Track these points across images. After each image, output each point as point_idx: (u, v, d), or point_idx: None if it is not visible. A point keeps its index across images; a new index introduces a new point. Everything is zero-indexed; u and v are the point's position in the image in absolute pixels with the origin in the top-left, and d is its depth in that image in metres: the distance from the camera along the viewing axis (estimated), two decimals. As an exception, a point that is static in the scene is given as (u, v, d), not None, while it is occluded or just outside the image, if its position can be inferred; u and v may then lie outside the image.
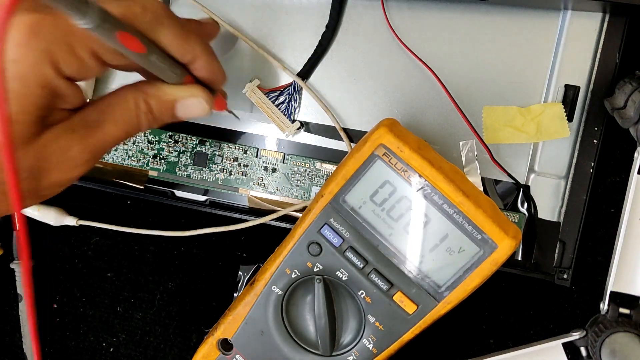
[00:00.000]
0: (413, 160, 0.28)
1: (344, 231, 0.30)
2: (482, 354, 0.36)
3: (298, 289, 0.31)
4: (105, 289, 0.41)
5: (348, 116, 0.36)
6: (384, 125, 0.29)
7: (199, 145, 0.37)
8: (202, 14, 0.36)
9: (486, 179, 0.35)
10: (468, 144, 0.35)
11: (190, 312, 0.40)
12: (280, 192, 0.37)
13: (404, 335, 0.30)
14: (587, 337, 0.34)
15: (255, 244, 0.40)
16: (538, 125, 0.34)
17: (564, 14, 0.34)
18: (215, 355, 0.33)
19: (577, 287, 0.37)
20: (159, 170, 0.38)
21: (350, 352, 0.31)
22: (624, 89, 0.32)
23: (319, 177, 0.36)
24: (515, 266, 0.35)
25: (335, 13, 0.35)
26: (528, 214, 0.35)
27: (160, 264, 0.40)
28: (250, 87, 0.37)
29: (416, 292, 0.29)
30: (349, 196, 0.29)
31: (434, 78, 0.34)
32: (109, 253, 0.41)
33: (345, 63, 0.36)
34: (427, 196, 0.28)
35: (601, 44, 0.34)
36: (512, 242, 0.28)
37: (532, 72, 0.35)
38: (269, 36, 0.37)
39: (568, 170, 0.35)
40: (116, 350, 0.41)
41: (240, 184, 0.37)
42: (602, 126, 0.34)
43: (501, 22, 0.35)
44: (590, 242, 0.37)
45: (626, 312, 0.34)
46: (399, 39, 0.35)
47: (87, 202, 0.40)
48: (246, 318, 0.32)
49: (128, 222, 0.38)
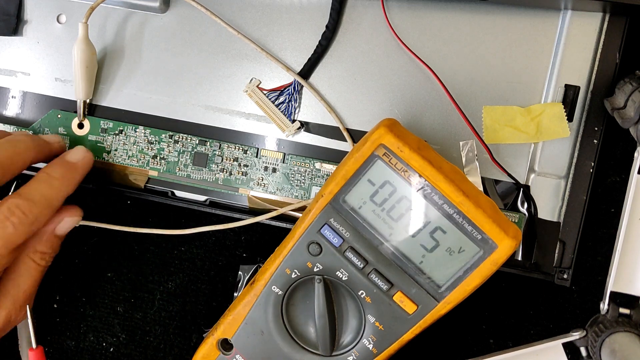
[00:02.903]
0: (413, 160, 0.28)
1: (344, 231, 0.30)
2: (482, 354, 0.36)
3: (298, 289, 0.31)
4: (105, 289, 0.41)
5: (348, 116, 0.36)
6: (384, 125, 0.29)
7: (199, 145, 0.37)
8: (202, 14, 0.36)
9: (486, 179, 0.35)
10: (468, 144, 0.35)
11: (190, 312, 0.40)
12: (280, 192, 0.37)
13: (404, 335, 0.30)
14: (587, 337, 0.34)
15: (255, 244, 0.40)
16: (538, 125, 0.34)
17: (564, 14, 0.34)
18: (215, 355, 0.33)
19: (577, 287, 0.37)
20: (159, 170, 0.38)
21: (350, 352, 0.31)
22: (624, 89, 0.32)
23: (319, 177, 0.36)
24: (515, 266, 0.35)
25: (335, 13, 0.35)
26: (528, 214, 0.35)
27: (160, 264, 0.40)
28: (250, 87, 0.37)
29: (416, 292, 0.29)
30: (349, 196, 0.29)
31: (434, 78, 0.34)
32: (109, 253, 0.41)
33: (345, 63, 0.36)
34: (427, 196, 0.28)
35: (601, 44, 0.34)
36: (512, 242, 0.28)
37: (532, 72, 0.35)
38: (269, 36, 0.37)
39: (568, 170, 0.35)
40: (116, 350, 0.41)
41: (240, 184, 0.37)
42: (602, 126, 0.34)
43: (501, 22, 0.35)
44: (590, 242, 0.37)
45: (626, 312, 0.34)
46: (399, 39, 0.35)
47: (87, 202, 0.39)
48: (246, 318, 0.32)
49: (128, 222, 0.38)
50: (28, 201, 0.31)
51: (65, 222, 0.35)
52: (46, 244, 0.34)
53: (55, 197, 0.32)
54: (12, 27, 0.38)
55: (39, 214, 0.31)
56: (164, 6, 0.37)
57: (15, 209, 0.31)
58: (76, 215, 0.35)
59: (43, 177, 0.33)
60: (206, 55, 0.37)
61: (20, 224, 0.30)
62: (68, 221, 0.35)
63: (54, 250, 0.35)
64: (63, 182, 0.33)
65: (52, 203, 0.32)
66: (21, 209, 0.31)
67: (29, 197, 0.31)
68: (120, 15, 0.38)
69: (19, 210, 0.31)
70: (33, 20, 0.38)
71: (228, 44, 0.37)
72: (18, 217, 0.30)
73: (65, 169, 0.34)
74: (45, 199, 0.32)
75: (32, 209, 0.31)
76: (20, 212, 0.31)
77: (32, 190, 0.32)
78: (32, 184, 0.32)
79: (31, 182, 0.32)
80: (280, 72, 0.37)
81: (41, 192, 0.32)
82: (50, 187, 0.32)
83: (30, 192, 0.32)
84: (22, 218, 0.31)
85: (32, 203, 0.31)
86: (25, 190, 0.32)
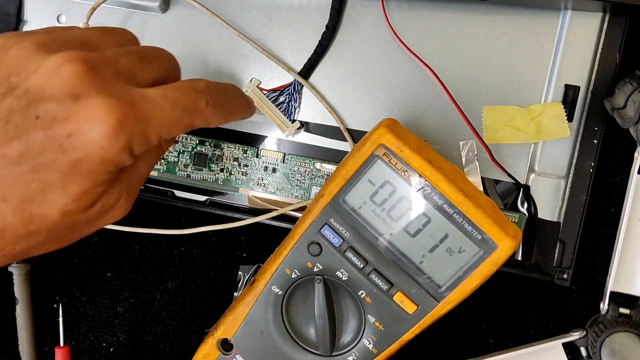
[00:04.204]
0: (413, 160, 0.28)
1: (344, 231, 0.30)
2: (482, 354, 0.36)
3: (298, 289, 0.31)
4: (105, 289, 0.41)
5: (348, 116, 0.36)
6: (384, 125, 0.29)
7: (199, 145, 0.37)
8: (202, 14, 0.36)
9: (486, 179, 0.35)
10: (468, 144, 0.35)
11: (190, 312, 0.40)
12: (280, 192, 0.37)
13: (404, 335, 0.30)
14: (587, 337, 0.34)
15: (255, 244, 0.40)
16: (538, 125, 0.34)
17: (564, 14, 0.34)
18: (215, 355, 0.33)
19: (577, 287, 0.37)
20: (159, 170, 0.38)
21: (350, 352, 0.31)
22: (624, 89, 0.32)
23: (319, 177, 0.36)
24: (515, 266, 0.35)
25: (335, 13, 0.35)
26: (528, 214, 0.35)
27: (160, 264, 0.40)
28: (250, 87, 0.37)
29: (416, 292, 0.29)
30: (349, 196, 0.29)
31: (434, 78, 0.34)
32: (109, 253, 0.41)
33: (345, 63, 0.36)
34: (427, 196, 0.28)
35: (601, 44, 0.34)
36: (512, 242, 0.28)
37: (532, 72, 0.35)
38: (269, 36, 0.37)
39: (568, 170, 0.35)
40: (116, 350, 0.41)
41: (240, 184, 0.37)
42: (602, 126, 0.34)
43: (501, 22, 0.35)
44: (590, 242, 0.37)
45: (626, 312, 0.34)
46: (399, 39, 0.35)
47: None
48: (246, 318, 0.32)
49: (128, 222, 0.38)
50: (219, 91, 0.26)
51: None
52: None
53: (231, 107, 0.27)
54: (12, 27, 0.38)
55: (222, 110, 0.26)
56: (164, 6, 0.37)
57: (209, 91, 0.25)
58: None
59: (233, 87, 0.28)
60: (206, 55, 0.37)
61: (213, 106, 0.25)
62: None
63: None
64: (233, 108, 0.27)
65: (224, 111, 0.26)
66: (214, 94, 0.25)
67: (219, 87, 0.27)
68: (121, 15, 0.38)
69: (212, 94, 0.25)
70: (33, 20, 0.38)
71: (228, 44, 0.37)
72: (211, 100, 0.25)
73: (245, 105, 0.29)
74: (229, 100, 0.27)
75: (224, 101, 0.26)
76: (212, 94, 0.25)
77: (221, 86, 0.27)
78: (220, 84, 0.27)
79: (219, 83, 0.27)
80: (280, 72, 0.37)
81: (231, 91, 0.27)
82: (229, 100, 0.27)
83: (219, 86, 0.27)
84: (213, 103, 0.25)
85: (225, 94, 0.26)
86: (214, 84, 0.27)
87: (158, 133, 0.24)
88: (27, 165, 0.21)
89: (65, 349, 0.39)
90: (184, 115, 0.24)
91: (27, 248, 0.23)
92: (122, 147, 0.22)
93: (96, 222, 0.25)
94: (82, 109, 0.22)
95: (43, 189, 0.22)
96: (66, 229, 0.23)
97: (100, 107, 0.22)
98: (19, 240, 0.22)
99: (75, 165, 0.22)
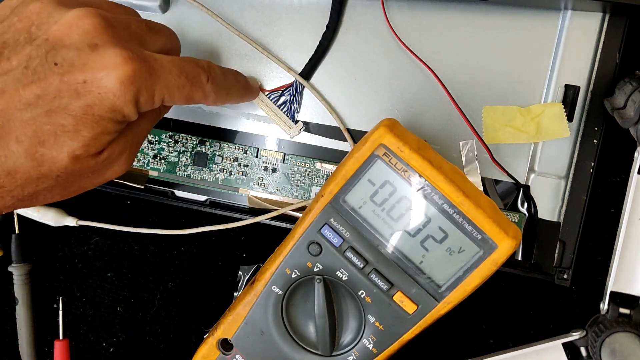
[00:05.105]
0: (413, 160, 0.28)
1: (344, 231, 0.30)
2: (482, 354, 0.36)
3: (298, 289, 0.31)
4: (105, 289, 0.41)
5: (348, 116, 0.36)
6: (384, 125, 0.29)
7: (199, 145, 0.37)
8: (202, 14, 0.36)
9: (486, 179, 0.35)
10: (468, 144, 0.35)
11: (190, 312, 0.40)
12: (280, 192, 0.37)
13: (404, 335, 0.30)
14: (587, 337, 0.34)
15: (255, 244, 0.40)
16: (538, 125, 0.34)
17: (564, 14, 0.34)
18: (215, 355, 0.33)
19: (577, 287, 0.37)
20: (159, 170, 0.38)
21: (350, 352, 0.31)
22: (624, 89, 0.32)
23: (319, 177, 0.36)
24: (515, 266, 0.35)
25: (336, 13, 0.35)
26: (528, 214, 0.35)
27: (160, 264, 0.40)
28: (250, 87, 0.36)
29: (416, 292, 0.29)
30: (349, 196, 0.29)
31: (434, 78, 0.34)
32: (109, 253, 0.41)
33: (345, 63, 0.36)
34: (427, 196, 0.28)
35: (601, 44, 0.34)
36: (512, 242, 0.28)
37: (532, 72, 0.35)
38: (269, 36, 0.37)
39: (568, 170, 0.35)
40: (116, 350, 0.41)
41: (240, 184, 0.37)
42: (602, 126, 0.34)
43: (501, 22, 0.35)
44: (590, 242, 0.37)
45: (626, 312, 0.34)
46: (399, 39, 0.35)
47: (87, 202, 0.40)
48: (246, 318, 0.32)
49: (128, 222, 0.38)
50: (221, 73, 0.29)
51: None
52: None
53: (232, 90, 0.31)
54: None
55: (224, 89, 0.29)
56: (164, 6, 0.37)
57: (211, 69, 0.28)
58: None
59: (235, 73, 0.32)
60: (206, 55, 0.37)
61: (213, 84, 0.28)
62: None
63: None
64: (239, 90, 0.32)
65: (221, 90, 0.29)
66: (214, 74, 0.28)
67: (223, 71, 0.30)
68: (120, 15, 0.38)
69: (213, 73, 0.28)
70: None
71: (228, 44, 0.37)
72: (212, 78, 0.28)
73: (247, 88, 0.33)
74: (234, 82, 0.31)
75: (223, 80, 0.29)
76: (215, 74, 0.28)
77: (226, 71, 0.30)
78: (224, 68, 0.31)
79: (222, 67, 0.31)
80: (280, 73, 0.37)
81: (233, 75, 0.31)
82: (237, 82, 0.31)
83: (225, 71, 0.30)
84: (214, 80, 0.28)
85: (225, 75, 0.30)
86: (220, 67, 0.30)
87: (162, 94, 0.25)
88: (42, 108, 0.23)
89: (64, 342, 0.39)
90: (187, 83, 0.26)
91: (35, 192, 0.24)
92: (131, 98, 0.24)
93: (101, 173, 0.26)
94: (99, 57, 0.23)
95: (55, 132, 0.23)
96: (73, 175, 0.25)
97: (116, 56, 0.23)
98: (28, 183, 0.24)
99: (88, 110, 0.23)
